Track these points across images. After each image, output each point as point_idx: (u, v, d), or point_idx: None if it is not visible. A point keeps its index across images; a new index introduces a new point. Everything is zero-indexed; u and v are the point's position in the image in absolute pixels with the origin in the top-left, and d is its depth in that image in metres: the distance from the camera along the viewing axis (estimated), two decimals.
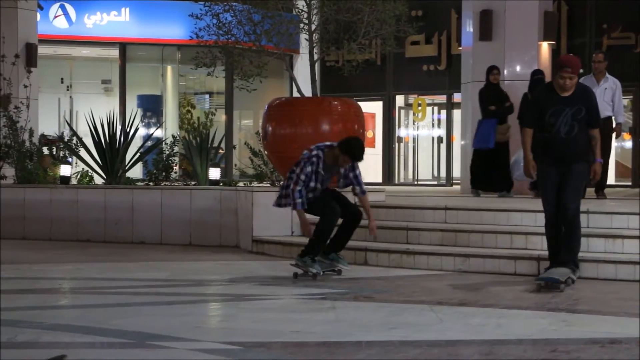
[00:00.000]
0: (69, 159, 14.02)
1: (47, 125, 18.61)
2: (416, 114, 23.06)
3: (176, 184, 13.10)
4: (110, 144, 13.29)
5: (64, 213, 12.47)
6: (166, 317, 6.31)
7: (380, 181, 22.07)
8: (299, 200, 8.10)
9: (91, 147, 13.57)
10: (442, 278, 8.38)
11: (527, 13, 14.23)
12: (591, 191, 11.30)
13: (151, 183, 13.16)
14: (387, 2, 12.08)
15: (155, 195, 12.13)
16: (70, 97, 22.66)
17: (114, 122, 13.42)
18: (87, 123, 13.47)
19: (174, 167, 13.79)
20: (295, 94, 14.05)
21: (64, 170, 13.39)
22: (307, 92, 12.60)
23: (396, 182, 22.45)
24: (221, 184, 12.73)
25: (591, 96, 7.70)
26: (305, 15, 12.13)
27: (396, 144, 22.81)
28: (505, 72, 13.94)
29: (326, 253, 8.36)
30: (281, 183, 8.94)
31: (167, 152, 13.37)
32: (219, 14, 12.22)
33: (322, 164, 8.15)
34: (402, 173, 23.36)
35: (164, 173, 13.20)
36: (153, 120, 22.13)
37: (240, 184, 12.97)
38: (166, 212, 11.93)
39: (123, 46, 22.11)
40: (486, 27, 14.25)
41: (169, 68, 23.19)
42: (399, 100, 23.08)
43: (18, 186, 13.14)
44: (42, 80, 18.66)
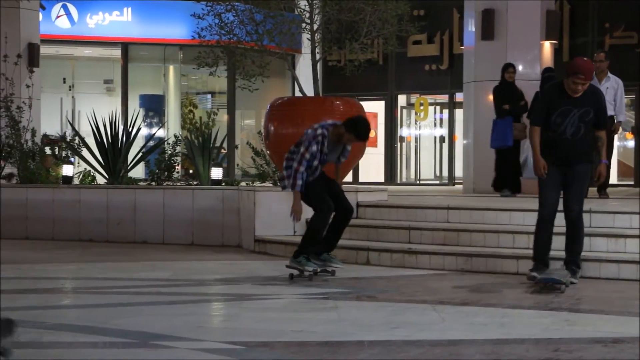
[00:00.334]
0: (71, 159, 14.04)
1: (50, 125, 18.64)
2: (418, 114, 23.04)
3: (178, 184, 13.11)
4: (112, 144, 13.30)
5: (67, 213, 12.47)
6: (168, 317, 6.30)
7: (382, 180, 22.08)
8: (300, 182, 7.97)
9: (93, 147, 13.59)
10: (444, 277, 8.38)
11: (529, 12, 14.21)
12: (593, 190, 11.28)
13: (153, 183, 13.16)
14: (389, 2, 12.09)
15: (157, 195, 12.13)
16: (72, 97, 22.64)
17: (116, 122, 13.42)
18: (90, 123, 13.49)
19: (176, 167, 13.80)
20: (297, 94, 14.05)
21: (67, 170, 13.40)
22: (309, 92, 12.61)
23: (398, 182, 22.43)
24: (223, 184, 12.74)
25: (600, 97, 7.63)
26: (307, 15, 12.15)
27: (398, 144, 22.80)
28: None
29: (318, 253, 8.21)
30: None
31: (170, 152, 13.39)
32: (221, 14, 12.25)
33: (327, 143, 8.04)
34: (405, 172, 23.34)
35: (166, 173, 13.22)
36: (155, 120, 22.12)
37: (242, 184, 12.97)
38: (168, 212, 11.93)
39: (125, 46, 22.10)
40: (488, 27, 14.22)
41: (171, 68, 23.18)
42: (401, 99, 23.06)
43: (20, 186, 13.15)
44: (45, 80, 18.67)
